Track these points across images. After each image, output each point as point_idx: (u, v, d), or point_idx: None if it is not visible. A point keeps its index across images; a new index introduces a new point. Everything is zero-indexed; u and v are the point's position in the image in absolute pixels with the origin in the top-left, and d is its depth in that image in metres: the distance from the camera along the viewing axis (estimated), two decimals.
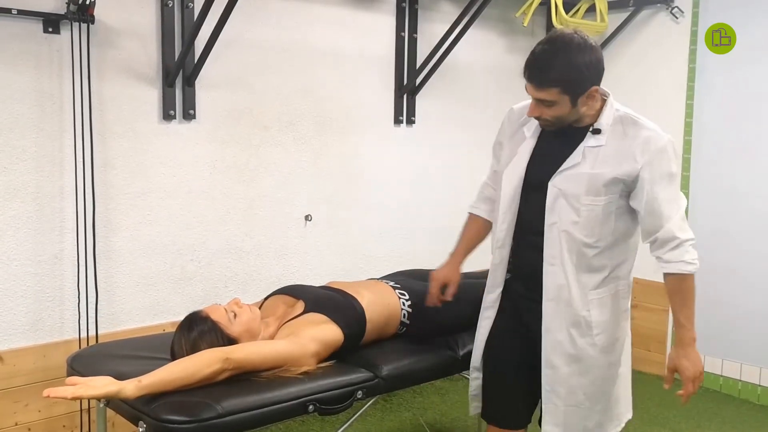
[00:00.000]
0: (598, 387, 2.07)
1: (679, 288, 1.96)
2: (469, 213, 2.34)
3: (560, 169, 1.96)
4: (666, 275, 1.96)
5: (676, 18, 3.79)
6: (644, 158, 1.89)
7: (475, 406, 2.27)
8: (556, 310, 2.00)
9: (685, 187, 3.80)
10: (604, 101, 1.97)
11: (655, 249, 1.96)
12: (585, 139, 1.95)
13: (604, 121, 1.94)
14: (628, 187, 1.93)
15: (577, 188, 1.93)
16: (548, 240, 1.98)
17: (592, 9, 3.85)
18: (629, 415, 2.22)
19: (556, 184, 1.96)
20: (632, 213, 1.98)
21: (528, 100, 2.01)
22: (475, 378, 2.25)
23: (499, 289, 2.14)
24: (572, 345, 2.01)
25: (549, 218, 1.97)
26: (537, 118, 1.96)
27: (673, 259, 1.93)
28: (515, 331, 2.12)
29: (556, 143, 2.00)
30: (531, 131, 2.07)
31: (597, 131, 1.94)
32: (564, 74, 1.85)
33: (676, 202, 1.93)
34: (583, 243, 1.95)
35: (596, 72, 1.88)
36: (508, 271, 2.12)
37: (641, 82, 3.96)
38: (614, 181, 1.91)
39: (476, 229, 2.32)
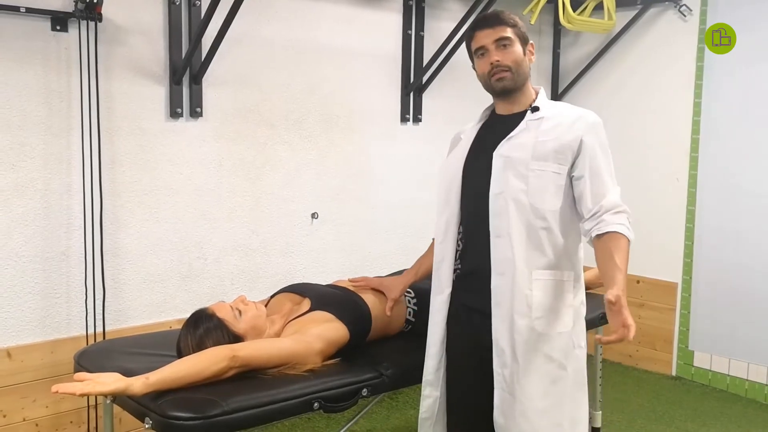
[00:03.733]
0: (533, 381, 1.94)
1: (617, 244, 1.88)
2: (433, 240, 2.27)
3: (506, 138, 1.99)
4: (603, 235, 1.90)
5: (684, 16, 3.78)
6: (583, 127, 1.96)
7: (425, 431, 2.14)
8: (502, 286, 1.95)
9: (692, 185, 3.79)
10: (536, 92, 2.07)
11: (596, 217, 1.91)
12: (526, 116, 2.02)
13: (541, 102, 2.04)
14: (573, 157, 1.95)
15: (524, 153, 1.95)
16: (494, 210, 1.95)
17: (599, 7, 3.84)
18: None
19: (502, 153, 1.97)
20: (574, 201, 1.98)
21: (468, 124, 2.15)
22: (427, 396, 2.13)
23: (448, 290, 2.08)
24: (512, 325, 1.94)
25: (494, 187, 1.95)
26: (498, 66, 1.98)
27: (613, 221, 1.90)
28: (470, 346, 2.05)
29: (496, 129, 2.04)
30: (467, 133, 2.13)
31: (536, 108, 2.02)
32: (513, 18, 2.02)
33: (611, 176, 1.97)
34: (532, 211, 1.92)
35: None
36: (456, 267, 2.08)
37: (649, 80, 3.94)
38: (562, 147, 1.94)
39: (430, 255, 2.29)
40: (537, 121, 1.99)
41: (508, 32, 1.99)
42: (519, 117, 2.03)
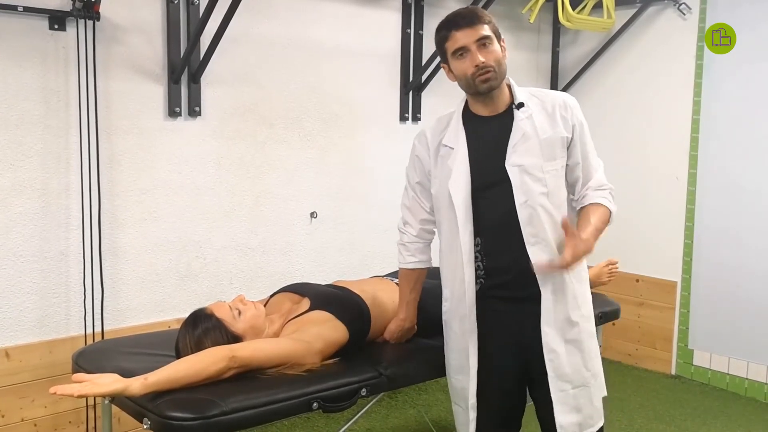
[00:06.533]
0: (594, 360, 2.07)
1: (595, 209, 2.01)
2: (405, 269, 2.24)
3: (510, 146, 1.96)
4: (585, 206, 2.03)
5: (684, 15, 3.77)
6: (568, 113, 2.00)
7: None
8: (552, 290, 1.97)
9: (692, 184, 3.79)
10: (508, 85, 2.03)
11: (582, 194, 2.05)
12: (514, 118, 1.98)
13: (520, 96, 2.01)
14: (568, 145, 2.00)
15: (535, 158, 1.95)
16: (523, 220, 1.95)
17: (599, 5, 3.83)
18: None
19: (514, 163, 1.95)
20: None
21: (432, 123, 2.11)
22: (472, 420, 2.10)
23: (475, 308, 2.04)
24: (569, 323, 2.01)
25: (519, 198, 1.94)
26: (482, 67, 1.91)
27: (598, 196, 2.03)
28: (512, 343, 2.05)
29: (488, 135, 2.00)
30: (455, 141, 2.03)
31: (520, 105, 1.99)
32: (488, 14, 1.98)
33: (595, 155, 2.07)
34: (555, 211, 1.97)
35: None
36: (480, 279, 2.05)
37: (648, 79, 3.94)
38: (563, 140, 1.99)
39: (416, 281, 2.26)
40: (529, 119, 1.97)
41: (487, 30, 1.93)
42: (505, 117, 1.99)
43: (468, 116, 2.05)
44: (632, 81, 4.01)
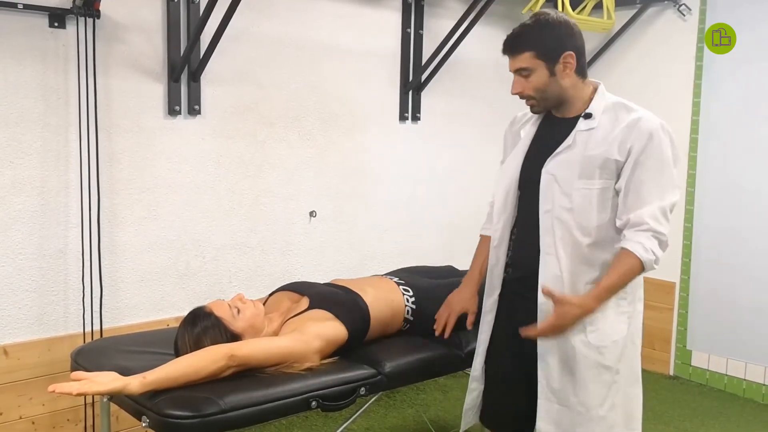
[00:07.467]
0: (591, 392, 1.93)
1: (619, 259, 1.85)
2: (481, 235, 2.31)
3: (553, 154, 1.96)
4: (619, 251, 1.86)
5: (684, 15, 3.77)
6: (631, 136, 1.87)
7: (467, 422, 2.19)
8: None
9: (691, 185, 3.79)
10: (594, 90, 2.00)
11: (622, 229, 1.88)
12: (577, 125, 1.95)
13: (595, 106, 1.95)
14: (619, 169, 1.88)
15: (570, 172, 1.91)
16: (543, 229, 1.94)
17: (599, 6, 3.83)
18: None
19: (549, 170, 1.95)
20: None
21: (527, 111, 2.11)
22: (473, 390, 2.18)
23: (497, 292, 2.10)
24: (566, 343, 1.93)
25: (543, 205, 1.95)
26: (521, 96, 1.99)
27: (632, 238, 1.83)
28: (512, 336, 2.03)
29: (549, 135, 2.01)
30: (527, 131, 2.09)
31: (588, 115, 1.94)
32: (535, 38, 1.91)
33: (659, 189, 1.85)
34: (578, 228, 1.89)
35: (569, 38, 1.92)
36: (506, 270, 2.09)
37: (648, 80, 3.94)
38: (607, 162, 1.87)
39: (488, 250, 2.25)
40: (587, 132, 1.92)
41: (526, 60, 1.91)
42: (572, 122, 1.97)
43: (548, 113, 2.08)
44: (632, 82, 4.00)
